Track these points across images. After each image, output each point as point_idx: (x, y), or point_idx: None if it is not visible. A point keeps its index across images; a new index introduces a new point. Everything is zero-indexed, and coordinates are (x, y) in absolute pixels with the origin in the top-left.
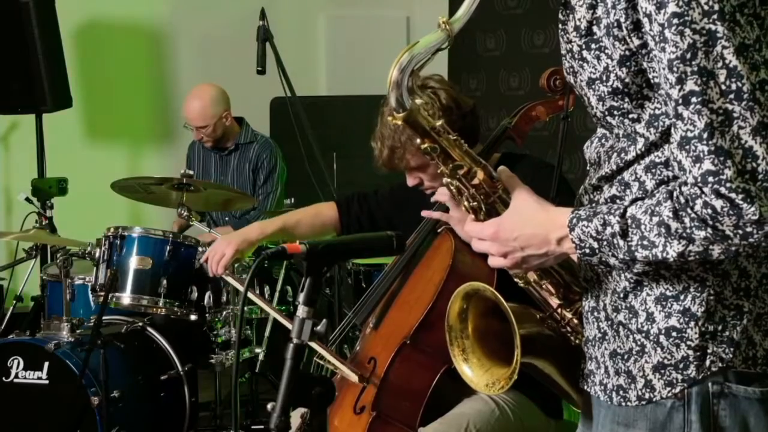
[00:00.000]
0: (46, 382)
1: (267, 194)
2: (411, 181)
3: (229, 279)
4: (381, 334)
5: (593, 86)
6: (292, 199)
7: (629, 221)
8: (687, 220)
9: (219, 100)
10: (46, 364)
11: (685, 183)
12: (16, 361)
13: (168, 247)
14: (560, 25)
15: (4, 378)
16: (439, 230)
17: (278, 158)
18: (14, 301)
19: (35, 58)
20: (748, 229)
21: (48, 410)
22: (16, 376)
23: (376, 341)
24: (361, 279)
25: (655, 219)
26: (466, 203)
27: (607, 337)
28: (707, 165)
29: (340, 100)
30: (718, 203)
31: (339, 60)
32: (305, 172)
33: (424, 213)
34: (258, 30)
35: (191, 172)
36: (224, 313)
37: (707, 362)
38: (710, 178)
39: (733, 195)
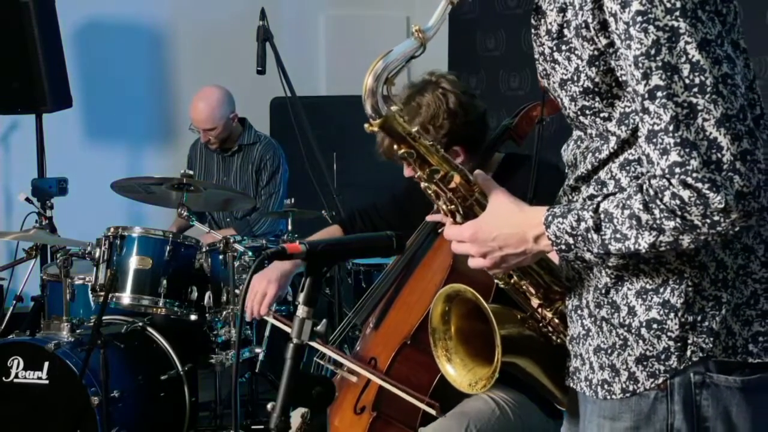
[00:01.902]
0: (46, 382)
1: (270, 195)
2: (408, 172)
3: (272, 320)
4: (381, 334)
5: (565, 87)
6: (292, 199)
7: (602, 216)
8: (657, 211)
9: (225, 102)
10: (46, 364)
11: (654, 176)
12: (16, 361)
13: (168, 247)
14: (533, 30)
15: (4, 378)
16: (439, 230)
17: (281, 159)
18: (14, 301)
19: (35, 58)
20: (716, 218)
21: (48, 410)
22: (16, 376)
23: (377, 341)
24: (361, 279)
25: (627, 212)
26: (444, 207)
27: (590, 334)
28: (674, 156)
29: (340, 100)
30: (686, 193)
31: (339, 60)
32: (305, 172)
33: (429, 217)
34: (258, 30)
35: (191, 172)
36: (224, 313)
37: (688, 352)
38: (677, 169)
39: (699, 185)
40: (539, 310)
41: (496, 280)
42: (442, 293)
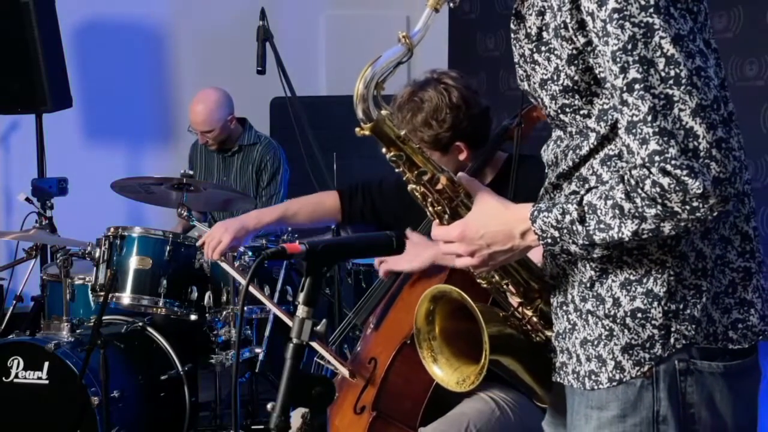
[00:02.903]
0: (46, 382)
1: (270, 196)
2: None
3: (224, 265)
4: (381, 334)
5: (545, 86)
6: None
7: (586, 207)
8: (638, 200)
9: (224, 104)
10: (46, 364)
11: (635, 166)
12: (16, 361)
13: (168, 247)
14: (512, 35)
15: (4, 378)
16: None
17: (282, 160)
18: (14, 301)
19: (35, 58)
20: (695, 204)
21: (48, 410)
22: (16, 376)
23: (377, 341)
24: (361, 279)
25: (609, 202)
26: (430, 208)
27: (576, 327)
28: (653, 145)
29: (340, 100)
30: (665, 181)
31: (339, 60)
32: (305, 172)
33: None
34: (258, 30)
35: (191, 172)
36: (224, 313)
37: (672, 340)
38: (657, 158)
39: (678, 171)
40: (519, 308)
41: (478, 280)
42: (428, 294)
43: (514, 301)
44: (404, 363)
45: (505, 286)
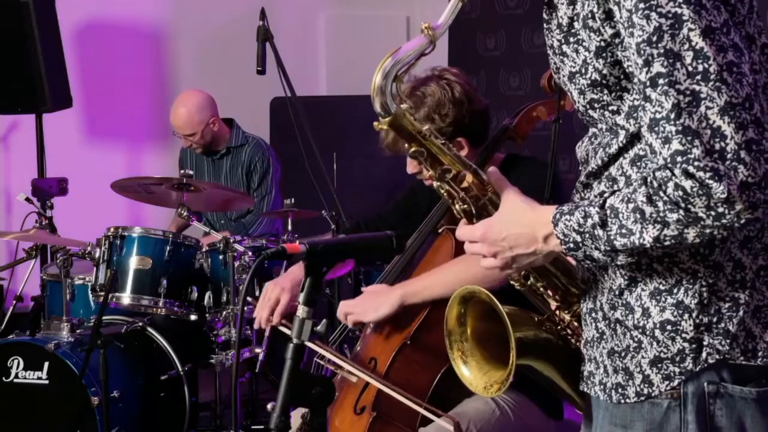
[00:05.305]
0: (46, 382)
1: (262, 197)
2: (411, 168)
3: (284, 329)
4: (381, 334)
5: (574, 80)
6: (292, 199)
7: (608, 211)
8: (660, 204)
9: (204, 107)
10: (46, 364)
11: (658, 167)
12: (16, 361)
13: (168, 247)
14: (545, 24)
15: (4, 378)
16: (439, 230)
17: (271, 159)
18: (14, 301)
19: (35, 58)
20: (720, 210)
21: (48, 410)
22: (16, 376)
23: (377, 341)
24: (361, 279)
25: (631, 206)
26: (457, 206)
27: (605, 337)
28: (675, 145)
29: (340, 100)
30: (688, 184)
31: (339, 60)
32: (305, 172)
33: None
34: (258, 30)
35: (191, 172)
36: (224, 313)
37: (704, 354)
38: (679, 158)
39: (701, 174)
40: (557, 312)
41: (511, 282)
42: (457, 295)
43: (552, 304)
44: (404, 363)
45: (542, 289)
